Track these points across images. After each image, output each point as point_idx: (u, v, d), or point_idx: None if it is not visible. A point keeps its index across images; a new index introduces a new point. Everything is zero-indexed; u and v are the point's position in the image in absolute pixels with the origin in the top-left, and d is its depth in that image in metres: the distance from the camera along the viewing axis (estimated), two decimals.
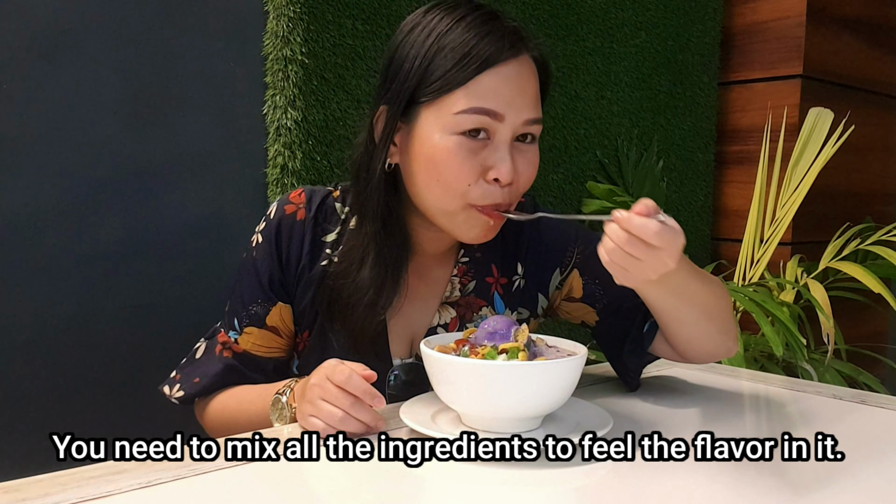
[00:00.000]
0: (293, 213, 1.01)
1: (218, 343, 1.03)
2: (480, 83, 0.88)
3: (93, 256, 1.26)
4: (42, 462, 0.90)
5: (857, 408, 1.00)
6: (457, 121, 0.89)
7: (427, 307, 1.03)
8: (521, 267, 1.07)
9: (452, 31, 0.89)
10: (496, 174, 0.90)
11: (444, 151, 0.90)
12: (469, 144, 0.89)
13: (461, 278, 1.04)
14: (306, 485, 0.72)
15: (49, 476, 0.70)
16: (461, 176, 0.90)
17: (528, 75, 0.92)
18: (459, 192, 0.91)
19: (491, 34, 0.89)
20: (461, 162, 0.89)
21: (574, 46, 1.89)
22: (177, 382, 1.04)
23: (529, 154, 0.94)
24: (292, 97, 1.38)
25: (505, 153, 0.90)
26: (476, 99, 0.88)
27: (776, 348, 1.56)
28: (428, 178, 0.92)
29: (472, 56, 0.88)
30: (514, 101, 0.89)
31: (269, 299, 1.01)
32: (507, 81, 0.89)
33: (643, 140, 2.10)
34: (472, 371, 0.78)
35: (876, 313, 2.41)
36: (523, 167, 0.93)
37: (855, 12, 2.32)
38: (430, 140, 0.91)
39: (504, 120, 0.89)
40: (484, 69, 0.88)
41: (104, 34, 1.25)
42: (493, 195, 0.91)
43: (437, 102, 0.90)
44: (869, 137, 2.42)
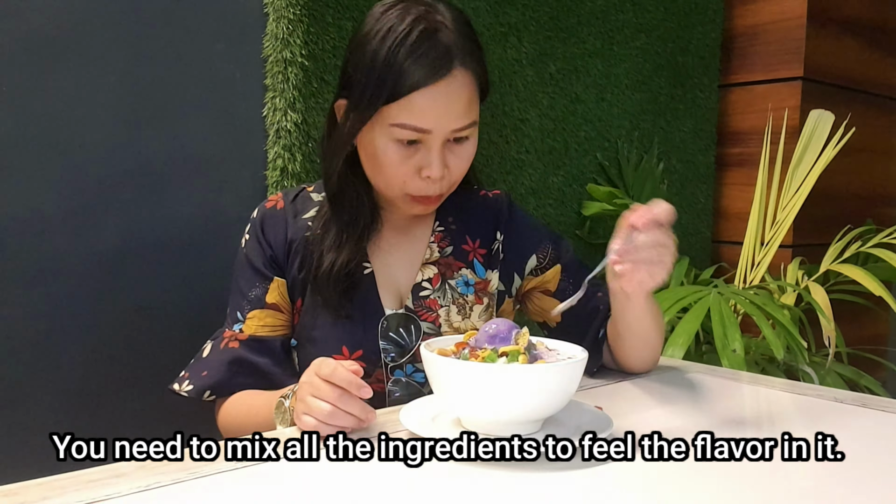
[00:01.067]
0: (273, 206, 1.14)
1: (224, 339, 1.09)
2: (411, 101, 0.99)
3: (93, 258, 1.26)
4: (43, 465, 0.90)
5: (859, 411, 1.00)
6: (391, 131, 1.01)
7: (410, 265, 1.13)
8: (499, 234, 1.17)
9: (394, 48, 0.99)
10: (428, 173, 1.03)
11: (383, 154, 1.03)
12: (403, 150, 1.02)
13: (439, 243, 1.15)
14: (306, 487, 0.72)
15: (48, 479, 0.70)
16: (397, 175, 1.03)
17: (457, 90, 1.01)
18: (397, 186, 1.04)
19: (424, 56, 0.99)
20: (397, 164, 1.03)
21: (574, 48, 1.89)
22: (186, 379, 1.09)
23: (462, 151, 1.05)
24: (292, 99, 1.38)
25: (434, 156, 1.02)
26: (407, 115, 1.00)
27: (777, 351, 1.56)
28: (372, 170, 1.06)
29: (405, 75, 0.98)
30: (440, 117, 1.00)
31: (265, 278, 1.10)
32: (434, 100, 1.00)
33: (644, 142, 2.10)
34: (471, 374, 0.78)
35: (877, 316, 2.40)
36: (454, 163, 1.05)
37: (855, 14, 2.32)
38: (372, 139, 1.03)
39: (432, 133, 1.01)
40: (414, 90, 0.99)
41: (104, 37, 1.25)
42: (427, 189, 1.04)
43: (379, 112, 1.01)
44: (870, 140, 2.42)
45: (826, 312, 1.78)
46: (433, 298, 1.11)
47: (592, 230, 1.99)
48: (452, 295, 1.12)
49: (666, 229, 0.89)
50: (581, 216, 1.96)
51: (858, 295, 2.02)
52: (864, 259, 2.05)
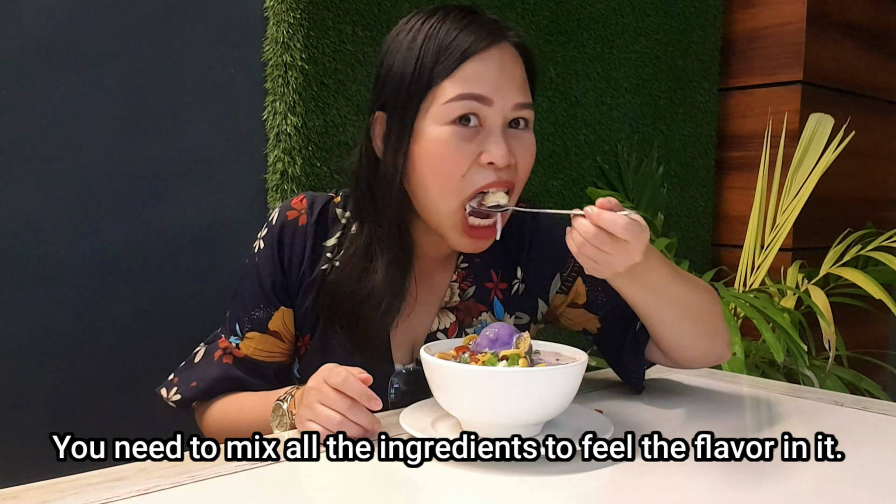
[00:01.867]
0: (295, 218, 1.01)
1: (218, 348, 1.04)
2: (465, 71, 0.90)
3: (93, 261, 1.26)
4: (42, 468, 0.90)
5: (859, 414, 1.00)
6: (446, 110, 0.90)
7: (427, 312, 1.03)
8: (520, 271, 1.07)
9: (433, 30, 0.92)
10: (490, 157, 0.91)
11: (437, 142, 0.91)
12: (461, 132, 0.91)
13: (461, 283, 1.05)
14: (306, 489, 0.72)
15: (48, 483, 0.70)
16: (455, 163, 0.91)
17: (511, 60, 0.94)
18: (455, 186, 0.92)
19: (469, 25, 0.92)
20: (454, 149, 0.91)
21: (574, 52, 1.89)
22: (174, 385, 1.04)
23: (525, 139, 0.95)
24: (292, 103, 1.38)
25: (498, 136, 0.91)
26: (462, 86, 0.90)
27: (777, 354, 1.56)
28: (424, 174, 0.93)
29: (453, 47, 0.91)
30: (500, 85, 0.91)
31: (271, 304, 1.01)
32: (491, 67, 0.91)
33: (643, 146, 2.10)
34: (471, 377, 0.78)
35: (877, 319, 2.40)
36: (520, 152, 0.94)
37: (855, 18, 2.33)
38: (423, 135, 0.92)
39: (493, 104, 0.91)
40: (467, 58, 0.91)
41: (105, 41, 1.26)
42: (488, 177, 0.92)
43: (427, 98, 0.92)
44: (869, 143, 2.42)
45: (826, 316, 1.78)
46: None
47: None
48: None
49: (607, 236, 0.80)
50: None
51: (858, 298, 2.02)
52: (864, 262, 2.05)
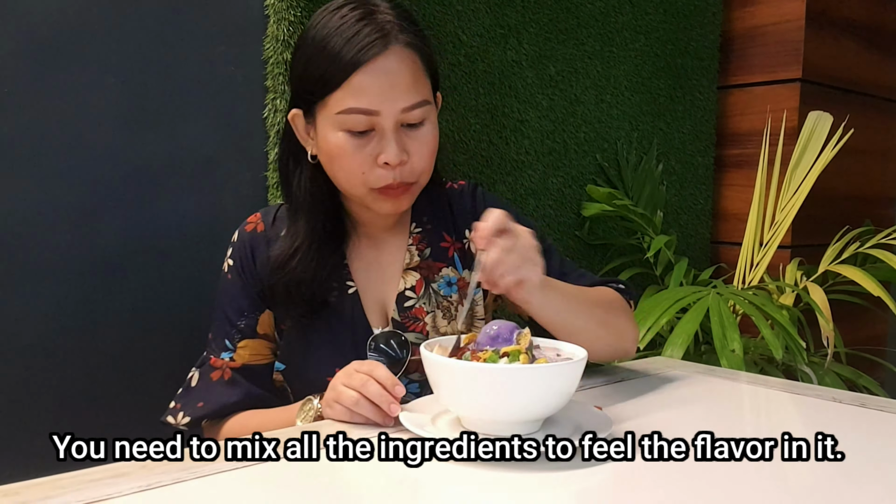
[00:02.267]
0: (252, 228, 1.10)
1: (214, 369, 1.07)
2: (352, 83, 0.96)
3: (93, 259, 1.26)
4: (43, 465, 0.90)
5: (857, 411, 1.00)
6: (340, 120, 0.98)
7: (391, 276, 1.11)
8: (468, 232, 1.13)
9: (328, 37, 0.98)
10: (384, 158, 0.98)
11: (336, 147, 0.99)
12: (355, 140, 0.98)
13: (417, 245, 1.12)
14: (306, 487, 0.72)
15: (49, 479, 0.70)
16: (354, 167, 1.00)
17: (398, 65, 0.98)
18: (358, 180, 1.00)
19: (358, 34, 0.97)
20: (351, 155, 0.99)
21: (573, 50, 1.89)
22: (178, 411, 1.07)
23: (419, 136, 1.01)
24: None
25: (390, 139, 0.98)
26: (350, 98, 0.97)
27: (776, 351, 1.56)
28: (331, 170, 1.03)
29: (341, 58, 0.96)
30: (386, 95, 0.97)
31: (255, 309, 1.08)
32: (376, 77, 0.96)
33: (643, 143, 2.10)
34: (471, 374, 0.78)
35: (875, 316, 2.41)
36: (415, 148, 1.01)
37: (854, 16, 2.33)
38: (325, 137, 1.00)
39: (380, 114, 0.97)
40: (353, 70, 0.96)
41: (105, 38, 1.26)
42: (386, 178, 0.99)
43: (324, 103, 0.99)
44: (868, 141, 2.42)
45: (825, 313, 1.78)
46: (419, 307, 1.09)
47: (592, 231, 2.00)
48: (437, 299, 1.10)
49: (508, 233, 0.84)
50: (580, 217, 1.96)
51: (857, 295, 2.02)
52: (863, 260, 2.05)
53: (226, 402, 1.05)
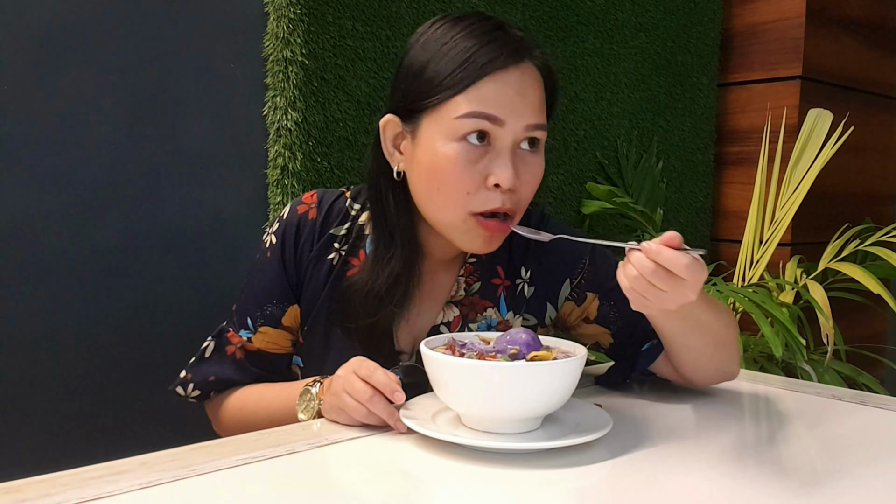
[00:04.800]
0: (305, 212, 1.03)
1: (230, 343, 1.05)
2: (480, 88, 0.89)
3: (93, 257, 1.26)
4: (43, 462, 0.90)
5: (857, 408, 1.00)
6: (457, 126, 0.89)
7: (433, 307, 1.04)
8: (524, 271, 1.07)
9: (455, 40, 0.91)
10: (496, 179, 0.90)
11: (445, 159, 0.90)
12: (470, 152, 0.90)
13: (467, 278, 1.05)
14: (306, 486, 0.72)
15: (50, 476, 0.71)
16: (461, 183, 0.90)
17: (530, 82, 0.92)
18: (460, 201, 0.91)
19: (493, 42, 0.90)
20: (462, 169, 0.90)
21: (574, 47, 1.89)
22: (189, 382, 1.05)
23: (533, 162, 0.94)
24: (293, 98, 1.38)
25: (506, 159, 0.90)
26: (476, 104, 0.89)
27: (776, 349, 1.56)
28: (430, 187, 0.93)
29: (472, 62, 0.89)
30: (514, 106, 0.90)
31: (285, 299, 1.03)
32: (507, 87, 0.89)
33: (643, 141, 2.10)
34: (471, 372, 0.78)
35: (875, 314, 2.41)
36: (526, 175, 0.93)
37: (854, 13, 2.33)
38: (431, 148, 0.91)
39: (504, 125, 0.89)
40: (484, 75, 0.89)
41: (105, 36, 1.26)
42: (493, 201, 0.91)
43: (439, 109, 0.90)
44: (868, 138, 2.42)
45: (824, 310, 1.78)
46: None
47: (592, 228, 1.99)
48: None
49: (665, 273, 0.78)
50: (580, 214, 1.96)
51: (857, 293, 2.02)
52: (863, 257, 2.05)
53: (235, 378, 1.04)
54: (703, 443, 0.85)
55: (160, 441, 0.83)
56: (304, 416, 0.93)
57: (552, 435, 0.81)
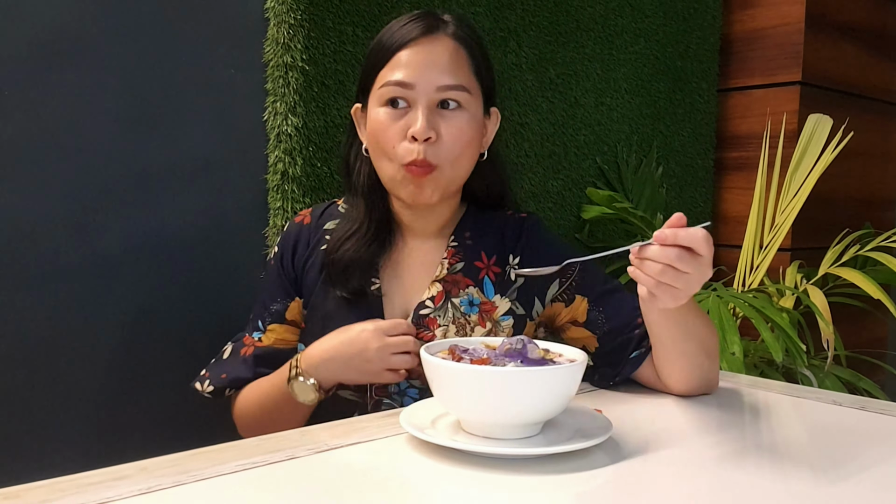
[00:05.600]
0: (301, 220, 1.18)
1: (244, 345, 1.16)
2: (396, 59, 1.05)
3: (93, 262, 1.26)
4: (43, 467, 0.90)
5: (858, 414, 1.00)
6: (381, 93, 1.06)
7: (419, 285, 1.13)
8: (513, 258, 1.14)
9: (389, 28, 1.08)
10: (412, 132, 1.03)
11: (376, 122, 1.06)
12: (391, 112, 1.05)
13: (450, 259, 1.13)
14: (306, 491, 0.72)
15: (49, 482, 0.70)
16: (387, 138, 1.05)
17: (440, 49, 1.05)
18: (389, 154, 1.05)
19: (412, 22, 1.07)
20: (386, 127, 1.05)
21: (573, 53, 1.90)
22: (206, 379, 1.15)
23: (453, 119, 1.05)
24: (293, 104, 1.38)
25: (418, 113, 1.03)
26: (391, 73, 1.05)
27: (776, 354, 1.56)
28: (374, 148, 1.09)
29: (391, 40, 1.06)
30: (423, 70, 1.04)
31: (287, 295, 1.15)
32: (416, 55, 1.04)
33: (643, 146, 2.11)
34: (471, 377, 0.78)
35: (875, 319, 2.41)
36: (445, 129, 1.05)
37: (854, 19, 2.33)
38: (370, 116, 1.08)
39: (415, 87, 1.04)
40: (399, 48, 1.05)
41: (105, 40, 1.26)
42: (411, 152, 1.04)
43: (373, 86, 1.07)
44: (868, 144, 2.42)
45: (825, 315, 1.78)
46: (433, 317, 1.09)
47: (592, 234, 2.00)
48: (454, 314, 1.09)
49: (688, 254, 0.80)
50: (580, 220, 1.96)
51: (857, 298, 2.02)
52: (863, 262, 2.05)
53: (244, 375, 1.13)
54: (703, 448, 0.85)
55: (160, 446, 0.83)
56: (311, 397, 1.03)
57: (552, 440, 0.81)
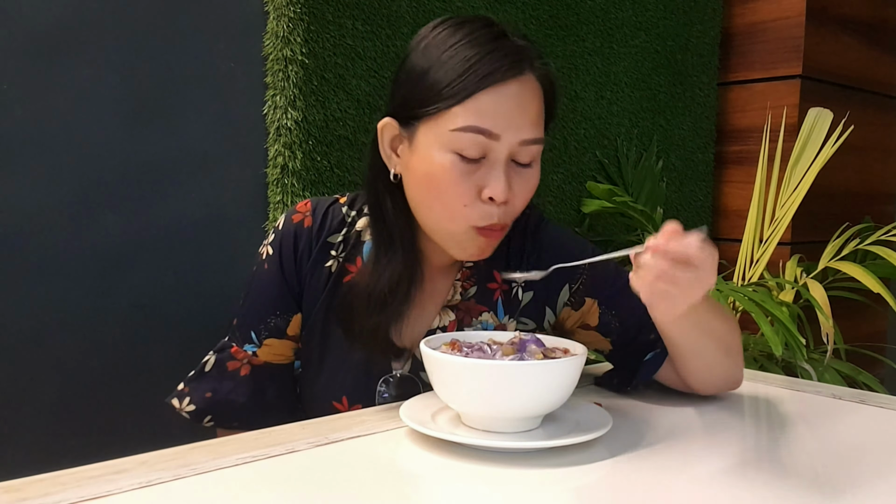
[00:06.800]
0: (300, 221, 1.03)
1: (234, 358, 1.02)
2: (478, 101, 0.87)
3: (93, 256, 1.26)
4: (43, 461, 0.90)
5: (857, 407, 1.00)
6: (453, 138, 0.88)
7: (429, 313, 1.03)
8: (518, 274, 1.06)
9: (456, 48, 0.89)
10: (490, 193, 0.89)
11: (441, 168, 0.90)
12: (465, 164, 0.89)
13: (463, 283, 1.04)
14: (306, 483, 0.72)
15: (49, 476, 0.71)
16: (457, 196, 0.90)
17: (529, 95, 0.91)
18: (458, 213, 0.91)
19: (494, 52, 0.89)
20: (457, 181, 0.89)
21: (574, 46, 1.89)
22: (186, 395, 1.02)
23: (527, 175, 0.93)
24: (292, 97, 1.38)
25: (500, 172, 0.89)
26: (473, 117, 0.87)
27: (775, 348, 1.56)
28: (427, 196, 0.93)
29: (471, 73, 0.87)
30: (511, 121, 0.89)
31: (289, 309, 1.02)
32: (505, 101, 0.88)
33: (643, 140, 2.10)
34: (471, 370, 0.78)
35: (875, 313, 2.41)
36: (519, 188, 0.92)
37: (854, 13, 2.33)
38: (428, 156, 0.91)
39: (500, 139, 0.89)
40: (483, 87, 0.87)
41: (105, 34, 1.26)
42: (490, 216, 0.91)
43: (436, 118, 0.89)
44: (868, 137, 2.42)
45: (824, 309, 1.78)
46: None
47: (592, 228, 1.99)
48: None
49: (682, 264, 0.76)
50: (580, 213, 1.96)
51: (857, 292, 2.02)
52: (863, 256, 2.05)
53: (234, 399, 1.00)
54: (702, 442, 0.85)
55: (160, 440, 0.83)
56: None
57: (552, 434, 0.81)
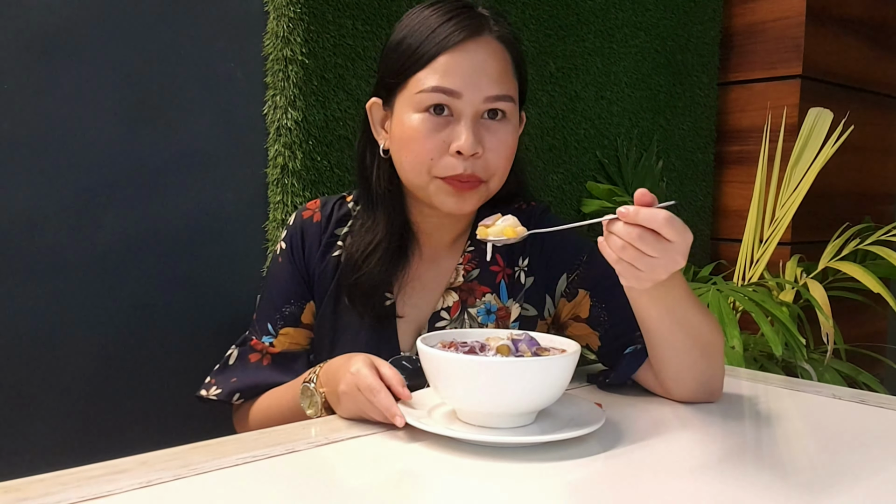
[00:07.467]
0: (309, 217, 1.10)
1: (254, 351, 1.09)
2: (440, 63, 0.96)
3: (93, 256, 1.26)
4: (43, 461, 0.91)
5: (857, 407, 1.00)
6: (420, 99, 0.97)
7: (434, 295, 1.08)
8: (522, 259, 1.09)
9: (421, 21, 0.99)
10: (457, 146, 0.96)
11: (411, 129, 0.97)
12: (432, 121, 0.97)
13: (465, 265, 1.08)
14: (306, 484, 0.72)
15: (50, 475, 0.71)
16: (426, 151, 0.97)
17: (489, 54, 0.98)
18: (425, 167, 0.98)
19: (453, 18, 0.97)
20: (424, 137, 0.97)
21: (574, 46, 1.89)
22: (212, 385, 1.09)
23: (499, 131, 0.99)
24: (293, 97, 1.38)
25: (465, 127, 0.96)
26: (435, 78, 0.96)
27: (775, 348, 1.56)
28: (400, 155, 1.01)
29: (432, 39, 0.96)
30: (471, 79, 0.96)
31: (302, 297, 1.08)
32: (464, 60, 0.96)
33: (643, 140, 2.10)
34: (466, 367, 0.79)
35: (875, 313, 2.41)
36: (491, 143, 0.98)
37: (854, 13, 2.33)
38: (401, 120, 0.99)
39: (462, 97, 0.96)
40: (442, 50, 0.96)
41: (105, 35, 1.26)
42: (455, 167, 0.97)
43: (406, 85, 0.98)
44: (868, 138, 2.42)
45: (824, 309, 1.78)
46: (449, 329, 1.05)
47: (591, 227, 1.99)
48: (470, 325, 1.05)
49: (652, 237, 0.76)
50: (581, 214, 1.96)
51: (856, 292, 2.02)
52: (863, 256, 2.05)
53: (259, 382, 1.06)
54: (699, 439, 0.85)
55: (160, 440, 0.83)
56: (310, 411, 0.94)
57: (546, 429, 0.81)
